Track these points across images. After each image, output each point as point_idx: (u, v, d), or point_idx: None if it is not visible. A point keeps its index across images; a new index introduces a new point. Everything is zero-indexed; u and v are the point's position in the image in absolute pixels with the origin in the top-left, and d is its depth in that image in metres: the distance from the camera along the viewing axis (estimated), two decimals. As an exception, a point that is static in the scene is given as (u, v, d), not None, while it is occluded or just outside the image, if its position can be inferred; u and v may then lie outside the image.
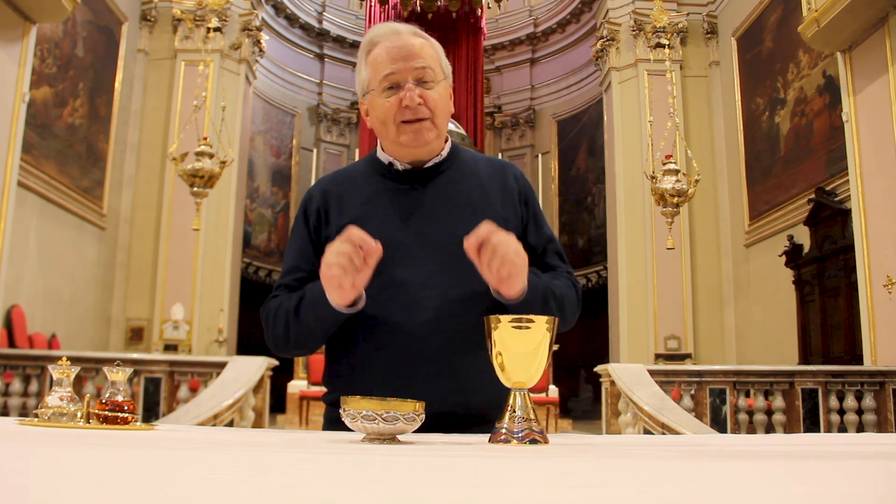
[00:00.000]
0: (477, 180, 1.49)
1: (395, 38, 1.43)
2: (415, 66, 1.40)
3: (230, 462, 0.75)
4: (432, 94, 1.41)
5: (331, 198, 1.49)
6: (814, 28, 6.90)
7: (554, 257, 1.51)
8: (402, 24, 1.48)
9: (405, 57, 1.40)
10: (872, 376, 5.92)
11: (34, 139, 7.77)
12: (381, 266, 1.38)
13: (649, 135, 8.56)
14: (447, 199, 1.45)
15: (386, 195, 1.46)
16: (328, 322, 1.37)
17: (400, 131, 1.42)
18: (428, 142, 1.44)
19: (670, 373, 6.31)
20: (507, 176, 1.51)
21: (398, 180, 1.47)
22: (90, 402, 1.19)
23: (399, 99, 1.40)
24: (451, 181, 1.48)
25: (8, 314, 7.42)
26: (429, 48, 1.45)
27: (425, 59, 1.42)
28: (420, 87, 1.40)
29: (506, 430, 1.05)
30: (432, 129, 1.43)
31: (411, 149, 1.44)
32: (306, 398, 9.16)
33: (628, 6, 10.81)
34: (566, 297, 1.43)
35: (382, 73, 1.41)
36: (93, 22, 9.18)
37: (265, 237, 13.44)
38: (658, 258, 9.98)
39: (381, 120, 1.44)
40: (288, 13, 13.42)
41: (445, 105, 1.46)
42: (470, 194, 1.46)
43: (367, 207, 1.45)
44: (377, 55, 1.43)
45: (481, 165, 1.53)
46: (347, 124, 14.67)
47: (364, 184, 1.50)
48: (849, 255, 7.35)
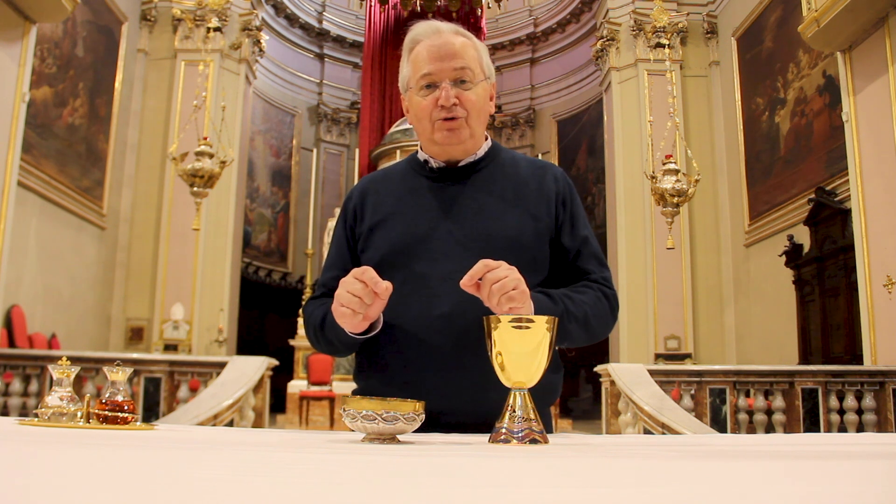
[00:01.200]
0: (513, 180, 1.48)
1: (436, 36, 1.44)
2: (453, 67, 1.41)
3: (230, 462, 0.75)
4: (469, 95, 1.42)
5: (368, 195, 1.52)
6: (814, 28, 6.90)
7: (589, 261, 1.48)
8: (445, 23, 1.49)
9: (444, 56, 1.42)
10: (872, 376, 5.92)
11: (34, 139, 7.77)
12: (404, 260, 1.41)
13: (649, 135, 8.57)
14: (479, 196, 1.46)
15: (419, 192, 1.48)
16: (349, 342, 1.40)
17: (435, 129, 1.43)
18: (461, 141, 1.45)
19: (670, 373, 6.31)
20: (545, 176, 1.50)
21: (433, 178, 1.49)
22: (90, 402, 1.19)
23: (435, 98, 1.41)
24: (486, 180, 1.48)
25: (8, 314, 7.42)
26: (470, 48, 1.45)
27: (465, 60, 1.42)
28: (457, 87, 1.42)
29: (506, 430, 1.05)
30: (466, 129, 1.44)
31: (445, 147, 1.46)
32: (306, 398, 9.16)
33: (628, 6, 10.81)
34: (590, 315, 1.40)
35: (421, 72, 1.43)
36: (93, 22, 9.18)
37: (265, 237, 13.44)
38: (658, 258, 9.99)
39: (418, 117, 1.46)
40: (288, 13, 13.42)
41: (482, 106, 1.46)
42: (503, 193, 1.46)
43: (400, 204, 1.47)
44: (418, 53, 1.45)
45: (521, 166, 1.53)
46: (347, 124, 14.68)
47: (400, 182, 1.52)
48: (849, 255, 7.35)
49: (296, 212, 13.86)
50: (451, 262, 1.38)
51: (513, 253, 1.35)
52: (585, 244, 1.49)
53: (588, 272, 1.47)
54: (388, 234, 1.45)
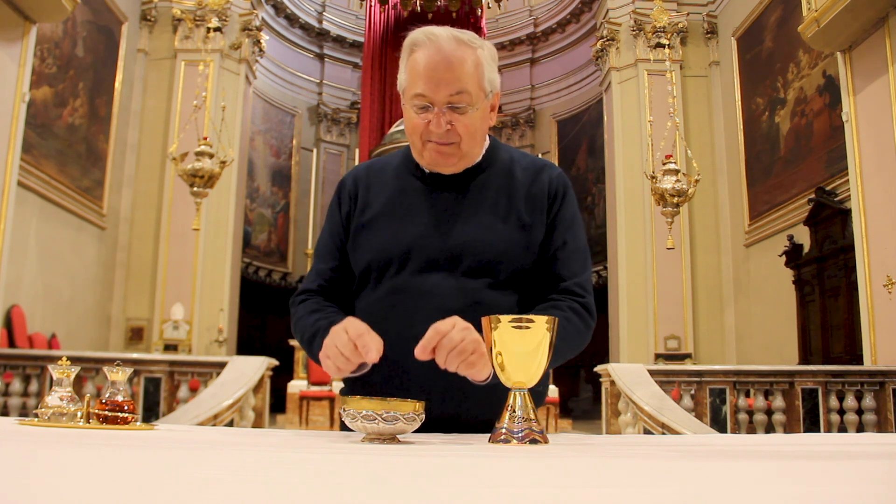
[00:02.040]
0: (507, 188, 1.44)
1: (435, 51, 1.34)
2: (448, 92, 1.33)
3: (230, 462, 0.75)
4: (464, 120, 1.35)
5: (360, 187, 1.49)
6: (814, 28, 6.90)
7: (564, 266, 1.43)
8: (449, 33, 1.37)
9: (440, 79, 1.33)
10: (872, 376, 5.91)
11: (34, 139, 7.77)
12: (388, 270, 1.38)
13: (649, 135, 8.56)
14: (470, 205, 1.41)
15: (410, 195, 1.44)
16: None
17: (425, 149, 1.39)
18: (450, 164, 1.41)
19: (670, 373, 6.31)
20: (541, 179, 1.45)
21: (425, 181, 1.45)
22: (90, 402, 1.19)
23: (427, 121, 1.36)
24: (479, 186, 1.43)
25: (8, 314, 7.41)
26: (469, 63, 1.35)
27: (462, 83, 1.34)
28: (452, 111, 1.35)
29: (506, 430, 1.05)
30: (457, 154, 1.39)
31: (431, 167, 1.43)
32: (306, 398, 9.16)
33: (628, 6, 10.81)
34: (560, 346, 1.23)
35: (415, 91, 1.35)
36: (93, 22, 9.18)
37: (265, 237, 13.44)
38: (658, 258, 9.98)
39: (409, 130, 1.41)
40: (288, 13, 13.42)
41: (479, 127, 1.39)
42: (495, 203, 1.42)
43: (389, 206, 1.44)
44: (415, 62, 1.36)
45: (517, 168, 1.47)
46: (347, 124, 14.67)
47: (393, 179, 1.48)
48: (849, 255, 7.35)
49: (296, 212, 13.86)
50: (435, 274, 1.37)
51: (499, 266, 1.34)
52: (563, 248, 1.43)
53: (561, 278, 1.42)
54: (374, 239, 1.42)
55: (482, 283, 1.33)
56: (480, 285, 1.32)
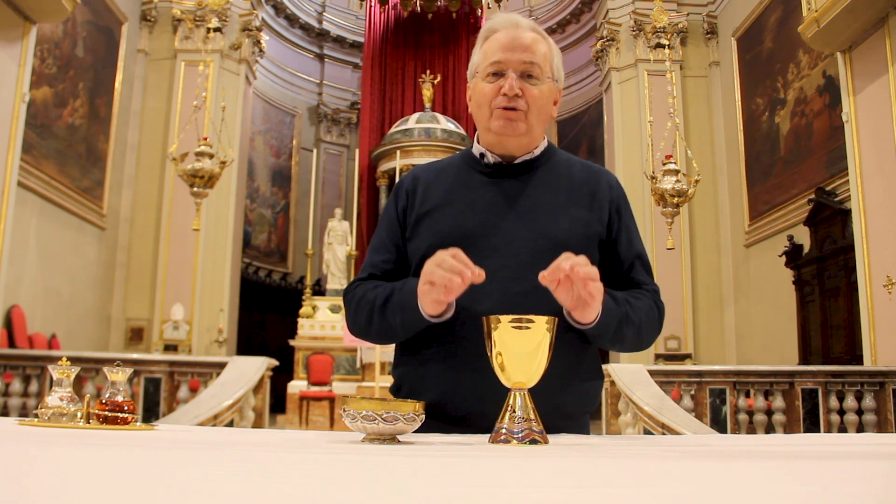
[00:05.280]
0: (567, 182, 1.47)
1: (513, 29, 1.44)
2: (523, 59, 1.41)
3: (230, 462, 0.75)
4: (533, 90, 1.41)
5: (419, 184, 1.51)
6: (814, 28, 6.90)
7: (641, 273, 1.49)
8: (526, 19, 1.50)
9: (516, 48, 1.41)
10: (872, 376, 5.91)
11: (34, 139, 7.77)
12: None
13: (649, 135, 8.56)
14: (531, 195, 1.44)
15: (471, 186, 1.46)
16: (413, 326, 1.37)
17: (493, 116, 1.42)
18: (517, 133, 1.43)
19: (670, 373, 6.30)
20: (600, 182, 1.49)
21: (487, 173, 1.48)
22: (90, 402, 1.19)
23: (499, 86, 1.41)
24: (540, 179, 1.47)
25: (8, 314, 7.42)
26: (543, 46, 1.45)
27: (535, 55, 1.42)
28: (524, 80, 1.41)
29: (506, 430, 1.05)
30: (524, 123, 1.42)
31: (500, 136, 1.44)
32: (306, 398, 9.16)
33: (628, 6, 10.81)
34: (644, 322, 1.40)
35: (491, 59, 1.42)
36: (93, 22, 9.18)
37: (265, 237, 13.44)
38: (658, 258, 9.98)
39: (478, 104, 1.45)
40: (288, 13, 13.42)
41: (545, 104, 1.45)
42: (556, 194, 1.45)
43: (449, 197, 1.46)
44: (494, 40, 1.44)
45: (576, 169, 1.51)
46: (347, 124, 14.68)
47: (452, 175, 1.50)
48: (849, 255, 7.35)
49: (296, 212, 13.87)
50: (498, 258, 1.37)
51: (559, 255, 1.33)
52: (639, 257, 1.49)
53: (639, 283, 1.48)
54: (435, 226, 1.43)
55: (543, 269, 1.33)
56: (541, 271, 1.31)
